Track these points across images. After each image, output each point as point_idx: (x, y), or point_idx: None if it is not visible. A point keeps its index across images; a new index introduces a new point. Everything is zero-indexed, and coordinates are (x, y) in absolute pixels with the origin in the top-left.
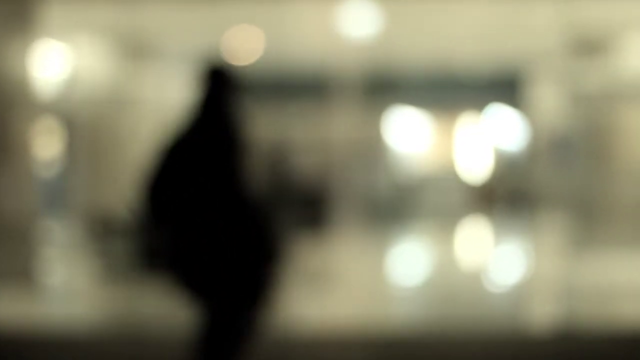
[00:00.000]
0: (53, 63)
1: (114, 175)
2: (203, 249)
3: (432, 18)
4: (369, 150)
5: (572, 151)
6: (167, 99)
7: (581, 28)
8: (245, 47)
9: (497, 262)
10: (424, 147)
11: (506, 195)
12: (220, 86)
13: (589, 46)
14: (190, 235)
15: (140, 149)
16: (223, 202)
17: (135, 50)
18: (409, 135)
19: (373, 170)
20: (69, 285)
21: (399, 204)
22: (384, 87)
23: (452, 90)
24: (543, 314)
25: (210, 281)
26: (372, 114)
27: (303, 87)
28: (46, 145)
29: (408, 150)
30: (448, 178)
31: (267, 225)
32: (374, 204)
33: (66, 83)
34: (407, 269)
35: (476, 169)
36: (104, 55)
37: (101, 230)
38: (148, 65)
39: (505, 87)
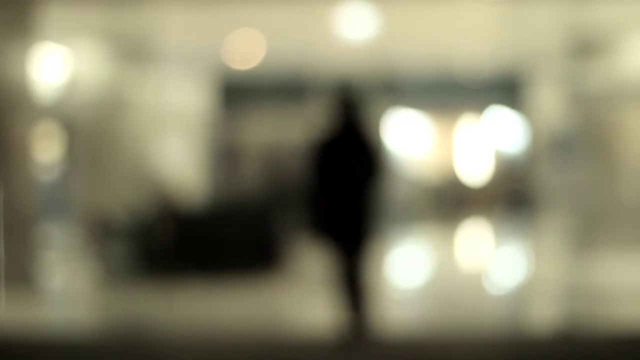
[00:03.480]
0: (52, 66)
1: (113, 179)
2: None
3: (431, 20)
4: None
5: (572, 152)
6: (166, 102)
7: (580, 29)
8: (246, 50)
9: (498, 264)
10: (424, 149)
11: (507, 197)
12: (350, 109)
13: (589, 47)
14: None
15: (139, 152)
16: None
17: (134, 53)
18: (409, 137)
19: None
20: (69, 288)
21: (400, 206)
22: (384, 89)
23: (452, 92)
24: (544, 315)
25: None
26: (373, 116)
27: (303, 90)
28: (46, 149)
29: (408, 152)
30: (448, 180)
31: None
32: None
33: (66, 86)
34: (407, 272)
35: (477, 171)
36: (104, 58)
37: (101, 233)
38: (147, 69)
39: (505, 89)
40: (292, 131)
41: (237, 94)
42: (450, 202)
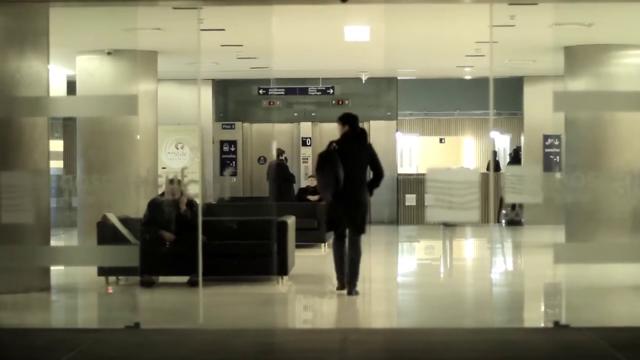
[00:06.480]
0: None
1: (117, 182)
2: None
3: None
4: None
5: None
6: None
7: None
8: None
9: (496, 265)
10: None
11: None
12: (355, 123)
13: None
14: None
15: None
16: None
17: None
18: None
19: None
20: None
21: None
22: None
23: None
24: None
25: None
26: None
27: None
28: (53, 152)
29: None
30: None
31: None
32: None
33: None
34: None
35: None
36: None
37: (108, 237)
38: None
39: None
40: None
41: None
42: None
